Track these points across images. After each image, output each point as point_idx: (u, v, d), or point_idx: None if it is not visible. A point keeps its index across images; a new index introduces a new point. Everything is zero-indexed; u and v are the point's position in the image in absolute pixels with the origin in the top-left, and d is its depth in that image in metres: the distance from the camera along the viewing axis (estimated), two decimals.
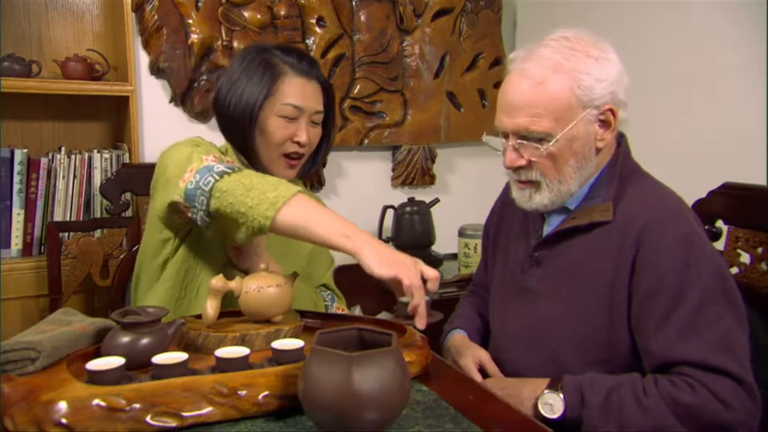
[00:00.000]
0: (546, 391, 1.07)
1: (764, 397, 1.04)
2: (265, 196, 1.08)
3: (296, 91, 1.33)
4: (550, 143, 1.10)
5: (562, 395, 1.05)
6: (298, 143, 1.35)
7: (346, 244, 1.05)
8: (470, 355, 1.24)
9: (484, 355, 1.23)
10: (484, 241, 1.46)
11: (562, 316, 1.15)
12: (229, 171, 1.13)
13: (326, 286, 1.56)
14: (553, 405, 1.05)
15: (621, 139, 1.21)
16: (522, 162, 1.14)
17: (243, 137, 1.35)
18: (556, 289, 1.17)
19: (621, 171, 1.16)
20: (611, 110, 1.12)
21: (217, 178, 1.12)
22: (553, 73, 1.09)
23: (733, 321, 1.04)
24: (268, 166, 1.37)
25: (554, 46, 1.11)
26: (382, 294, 2.45)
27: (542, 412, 1.05)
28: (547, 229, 1.23)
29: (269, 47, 1.38)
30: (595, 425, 1.02)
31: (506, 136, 1.16)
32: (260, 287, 1.14)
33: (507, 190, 1.37)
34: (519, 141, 1.13)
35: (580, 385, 1.05)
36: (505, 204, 1.37)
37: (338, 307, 1.52)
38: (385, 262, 1.02)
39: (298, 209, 1.08)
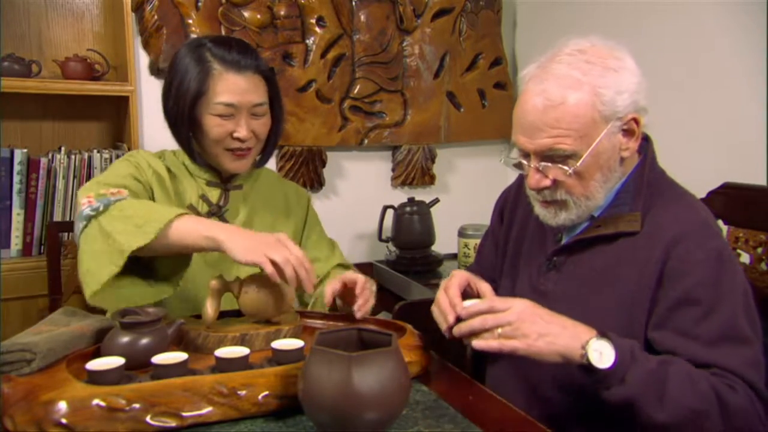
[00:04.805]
0: (595, 338, 0.98)
1: None
2: (117, 246, 1.10)
3: (228, 88, 1.29)
4: (577, 162, 1.07)
5: (613, 346, 0.97)
6: (239, 139, 1.32)
7: (209, 244, 1.11)
8: (457, 276, 1.13)
9: (485, 287, 1.13)
10: (494, 227, 1.40)
11: (578, 320, 1.13)
12: (93, 214, 1.15)
13: (344, 266, 1.52)
14: (603, 353, 0.96)
15: (646, 143, 1.18)
16: (547, 182, 1.10)
17: (179, 136, 1.35)
18: (575, 296, 1.14)
19: (649, 179, 1.13)
20: (635, 119, 1.09)
21: (84, 224, 1.16)
22: (572, 91, 1.05)
23: (757, 340, 1.03)
24: (216, 160, 1.36)
25: (570, 61, 1.07)
26: (382, 294, 2.45)
27: (591, 358, 0.96)
28: (567, 233, 1.20)
29: (204, 41, 1.34)
30: (637, 389, 0.96)
31: (527, 156, 1.12)
32: (260, 287, 1.14)
33: (522, 179, 1.32)
34: (543, 162, 1.09)
35: (631, 344, 0.99)
36: (519, 195, 1.32)
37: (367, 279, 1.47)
38: (249, 249, 1.07)
39: (154, 238, 1.10)
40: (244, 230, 1.13)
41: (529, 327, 0.98)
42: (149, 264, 1.21)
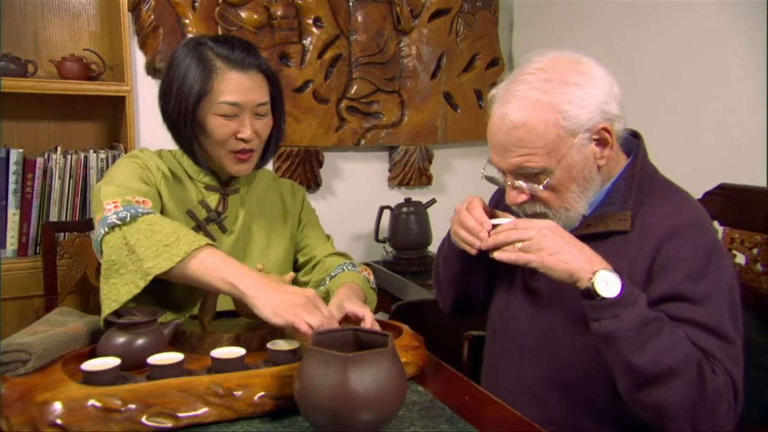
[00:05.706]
0: (608, 270, 1.00)
1: (761, 396, 1.04)
2: (141, 264, 1.07)
3: (232, 87, 1.26)
4: (548, 178, 1.09)
5: (621, 283, 1.00)
6: (243, 139, 1.28)
7: (230, 290, 1.05)
8: (477, 199, 1.18)
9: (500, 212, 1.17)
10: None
11: (571, 320, 1.12)
12: (119, 223, 1.11)
13: (340, 254, 1.50)
14: (609, 284, 0.99)
15: (637, 141, 1.18)
16: (524, 198, 1.13)
17: (182, 139, 1.32)
18: (566, 294, 1.13)
19: (640, 177, 1.14)
20: (605, 128, 1.09)
21: (106, 230, 1.12)
22: (532, 111, 1.06)
23: (738, 338, 1.04)
24: (219, 163, 1.33)
25: (530, 80, 1.08)
26: (379, 294, 2.45)
27: (597, 286, 0.99)
28: None
29: (204, 40, 1.30)
30: (625, 329, 0.98)
31: (504, 173, 1.15)
32: None
33: None
34: (517, 180, 1.12)
35: (639, 292, 1.02)
36: None
37: (363, 268, 1.46)
38: (279, 309, 1.01)
39: (178, 263, 1.07)
40: (270, 283, 1.06)
41: (546, 242, 1.03)
42: (166, 286, 1.18)
